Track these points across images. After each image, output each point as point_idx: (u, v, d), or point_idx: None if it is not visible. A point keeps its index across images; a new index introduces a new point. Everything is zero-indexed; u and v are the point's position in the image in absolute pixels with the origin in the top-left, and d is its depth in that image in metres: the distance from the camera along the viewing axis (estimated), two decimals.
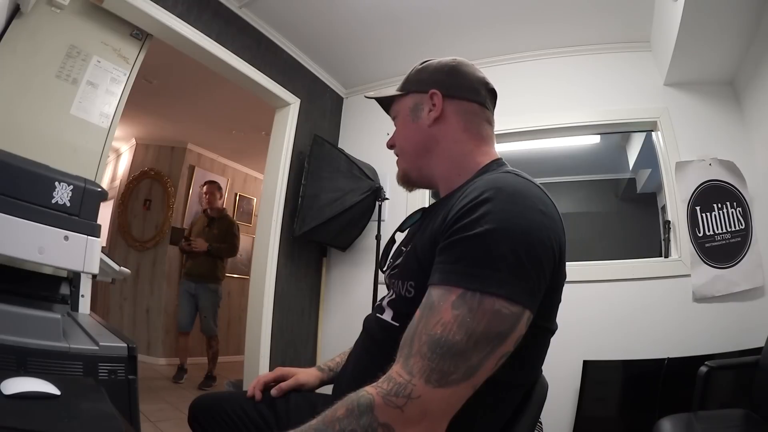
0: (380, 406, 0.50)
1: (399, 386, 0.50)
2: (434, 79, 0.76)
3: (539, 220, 0.56)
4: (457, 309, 0.51)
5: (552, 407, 1.04)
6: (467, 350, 0.50)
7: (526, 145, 2.62)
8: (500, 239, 0.52)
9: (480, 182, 0.61)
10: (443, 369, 0.49)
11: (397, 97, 0.82)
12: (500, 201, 0.55)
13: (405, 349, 0.53)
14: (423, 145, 0.77)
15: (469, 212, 0.56)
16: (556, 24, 2.29)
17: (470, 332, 0.50)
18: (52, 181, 1.00)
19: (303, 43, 2.60)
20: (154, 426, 2.23)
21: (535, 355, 0.64)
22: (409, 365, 0.51)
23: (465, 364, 0.50)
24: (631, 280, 2.05)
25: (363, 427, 0.50)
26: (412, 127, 0.78)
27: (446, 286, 0.53)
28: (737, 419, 1.42)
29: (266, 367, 2.31)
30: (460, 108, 0.75)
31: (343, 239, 2.61)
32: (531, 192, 0.59)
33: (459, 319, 0.50)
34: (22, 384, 0.60)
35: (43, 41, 1.57)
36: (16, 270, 1.12)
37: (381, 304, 0.75)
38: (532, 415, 0.67)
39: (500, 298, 0.51)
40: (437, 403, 0.50)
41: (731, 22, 1.75)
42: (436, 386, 0.49)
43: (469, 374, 0.50)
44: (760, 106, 1.92)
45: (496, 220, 0.53)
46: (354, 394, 0.53)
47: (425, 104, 0.76)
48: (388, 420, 0.49)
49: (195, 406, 0.89)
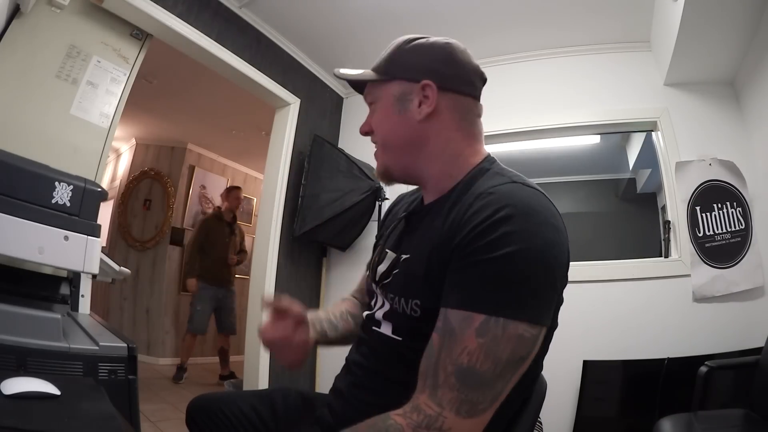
0: None
1: (430, 418, 0.50)
2: (428, 68, 0.67)
3: (553, 238, 0.55)
4: (481, 337, 0.50)
5: (552, 407, 1.04)
6: (494, 378, 0.50)
7: (527, 145, 2.62)
8: (520, 262, 0.52)
9: (491, 197, 0.57)
10: (473, 400, 0.50)
11: (377, 84, 0.72)
12: (518, 221, 0.53)
13: (429, 380, 0.53)
14: (411, 142, 0.68)
15: (487, 232, 0.53)
16: (556, 24, 2.29)
17: (497, 361, 0.50)
18: (52, 181, 1.00)
19: (303, 43, 2.60)
20: (154, 426, 2.23)
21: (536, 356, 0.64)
22: (437, 396, 0.51)
23: (491, 392, 0.51)
24: (631, 280, 2.05)
25: None
26: (398, 119, 0.68)
27: (467, 312, 0.52)
28: (737, 419, 1.42)
29: (266, 367, 2.30)
30: (455, 103, 0.67)
31: (343, 239, 2.61)
32: (543, 206, 0.57)
33: (485, 348, 0.50)
34: (22, 384, 0.60)
35: (43, 41, 1.57)
36: (16, 270, 1.12)
37: (374, 316, 0.72)
38: (532, 414, 0.67)
39: (523, 322, 0.51)
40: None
41: (731, 22, 1.75)
42: (466, 417, 0.50)
43: (494, 401, 0.51)
44: (760, 106, 1.92)
45: (515, 241, 0.52)
46: (380, 420, 0.52)
47: (415, 95, 0.67)
48: None
49: (192, 407, 0.88)
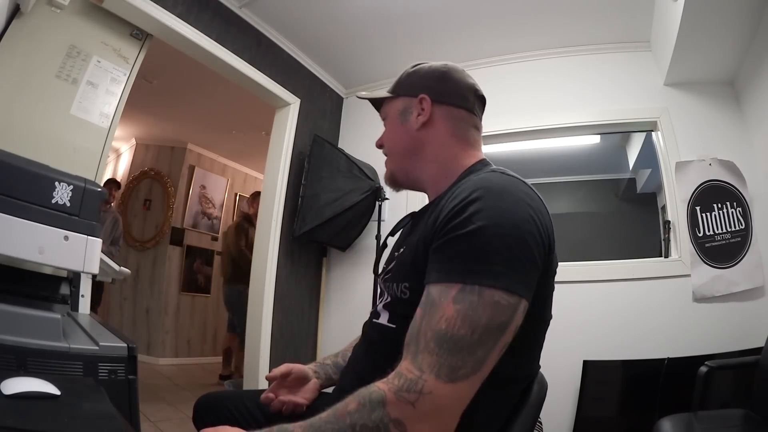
0: (392, 402, 0.51)
1: (410, 382, 0.51)
2: (424, 84, 0.77)
3: (527, 214, 0.58)
4: (458, 303, 0.52)
5: (552, 407, 1.04)
6: (473, 343, 0.51)
7: (527, 145, 2.62)
8: (492, 235, 0.54)
9: (467, 183, 0.62)
10: (452, 364, 0.51)
11: (388, 99, 0.83)
12: (489, 199, 0.57)
13: (411, 346, 0.54)
14: (410, 148, 0.78)
15: (460, 212, 0.57)
16: (555, 24, 2.29)
17: (474, 325, 0.51)
18: (52, 181, 1.00)
19: (303, 42, 2.60)
20: (154, 426, 2.23)
21: (530, 344, 0.65)
22: (417, 361, 0.52)
23: (472, 357, 0.51)
24: (631, 280, 2.05)
25: (374, 422, 0.50)
26: (401, 129, 0.79)
27: (445, 284, 0.55)
28: (737, 419, 1.42)
29: (266, 367, 2.31)
30: (449, 113, 0.76)
31: (343, 239, 2.61)
32: (517, 188, 0.61)
33: (462, 312, 0.52)
34: (22, 384, 0.60)
35: (43, 41, 1.57)
36: (16, 270, 1.12)
37: (376, 310, 0.76)
38: (532, 414, 0.67)
39: (498, 290, 0.52)
40: (448, 398, 0.50)
41: (731, 22, 1.75)
42: (447, 381, 0.50)
43: (476, 368, 0.51)
44: (760, 106, 1.92)
45: (486, 217, 0.55)
46: (365, 388, 0.54)
47: (414, 108, 0.77)
48: (399, 416, 0.50)
49: (200, 405, 0.90)
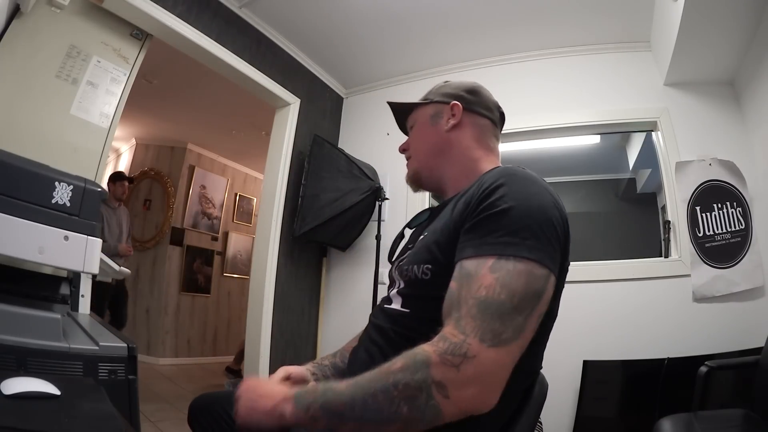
0: (436, 364, 0.51)
1: (455, 345, 0.52)
2: (456, 94, 0.85)
3: (551, 200, 0.63)
4: (495, 272, 0.55)
5: (552, 407, 1.04)
6: (512, 309, 0.53)
7: (526, 145, 2.62)
8: (521, 214, 0.58)
9: (493, 172, 0.69)
10: (494, 329, 0.52)
11: (418, 107, 0.89)
12: (515, 184, 0.63)
13: (453, 313, 0.56)
14: (438, 147, 0.84)
15: (490, 194, 0.62)
16: (556, 24, 2.29)
17: (512, 292, 0.53)
18: (52, 181, 1.00)
19: (303, 43, 2.60)
20: (154, 426, 2.23)
21: (539, 337, 0.65)
22: (461, 326, 0.53)
23: (512, 323, 0.53)
24: (631, 280, 2.05)
25: (417, 382, 0.51)
26: (431, 130, 0.85)
27: (480, 257, 0.57)
28: (737, 419, 1.42)
29: (266, 366, 2.30)
30: (476, 121, 0.84)
31: (343, 239, 2.61)
32: (539, 179, 0.67)
33: (500, 280, 0.54)
34: (22, 384, 0.60)
35: (43, 41, 1.57)
36: (16, 270, 1.12)
37: (388, 296, 0.77)
38: (532, 414, 0.67)
39: (531, 261, 0.55)
40: (491, 363, 0.51)
41: (731, 22, 1.75)
42: (490, 345, 0.51)
43: (517, 333, 0.53)
44: (760, 106, 1.92)
45: (514, 198, 0.60)
46: (411, 351, 0.54)
47: (445, 113, 0.84)
48: (442, 378, 0.50)
49: (194, 406, 0.89)
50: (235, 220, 5.03)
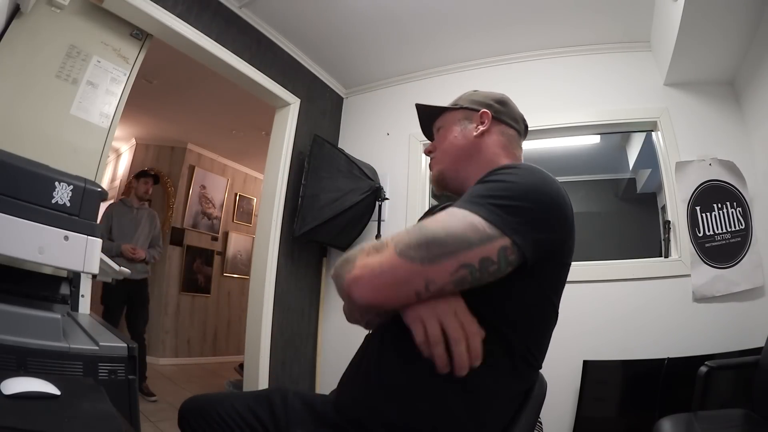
0: (365, 249, 0.62)
1: (381, 243, 0.61)
2: (486, 103, 0.89)
3: (556, 188, 0.66)
4: (446, 214, 0.62)
5: (552, 407, 1.04)
6: (433, 237, 0.58)
7: (526, 145, 2.59)
8: (507, 187, 0.63)
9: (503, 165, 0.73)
10: (410, 244, 0.58)
11: (447, 111, 0.93)
12: (523, 169, 0.67)
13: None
14: (466, 151, 0.87)
15: (494, 172, 0.68)
16: (556, 24, 2.29)
17: (447, 229, 0.59)
18: (52, 181, 1.00)
19: (303, 42, 2.60)
20: (154, 426, 2.23)
21: (540, 324, 0.68)
22: (396, 234, 0.61)
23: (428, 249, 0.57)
24: (631, 280, 2.05)
25: (352, 255, 0.62)
26: (460, 134, 0.89)
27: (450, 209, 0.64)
28: (737, 419, 1.42)
29: (266, 366, 2.30)
30: (503, 130, 0.89)
31: (343, 239, 2.61)
32: (550, 175, 0.69)
33: (440, 216, 0.61)
34: (22, 384, 0.60)
35: (43, 41, 1.57)
36: (16, 270, 1.12)
37: None
38: (532, 414, 0.67)
39: (478, 216, 0.60)
40: (388, 265, 0.57)
41: (731, 22, 1.75)
42: (396, 253, 0.57)
43: (425, 260, 0.57)
44: (760, 106, 1.92)
45: (517, 178, 0.65)
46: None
47: (474, 119, 0.88)
48: (356, 258, 0.61)
49: (185, 408, 0.87)
50: (235, 220, 5.03)
